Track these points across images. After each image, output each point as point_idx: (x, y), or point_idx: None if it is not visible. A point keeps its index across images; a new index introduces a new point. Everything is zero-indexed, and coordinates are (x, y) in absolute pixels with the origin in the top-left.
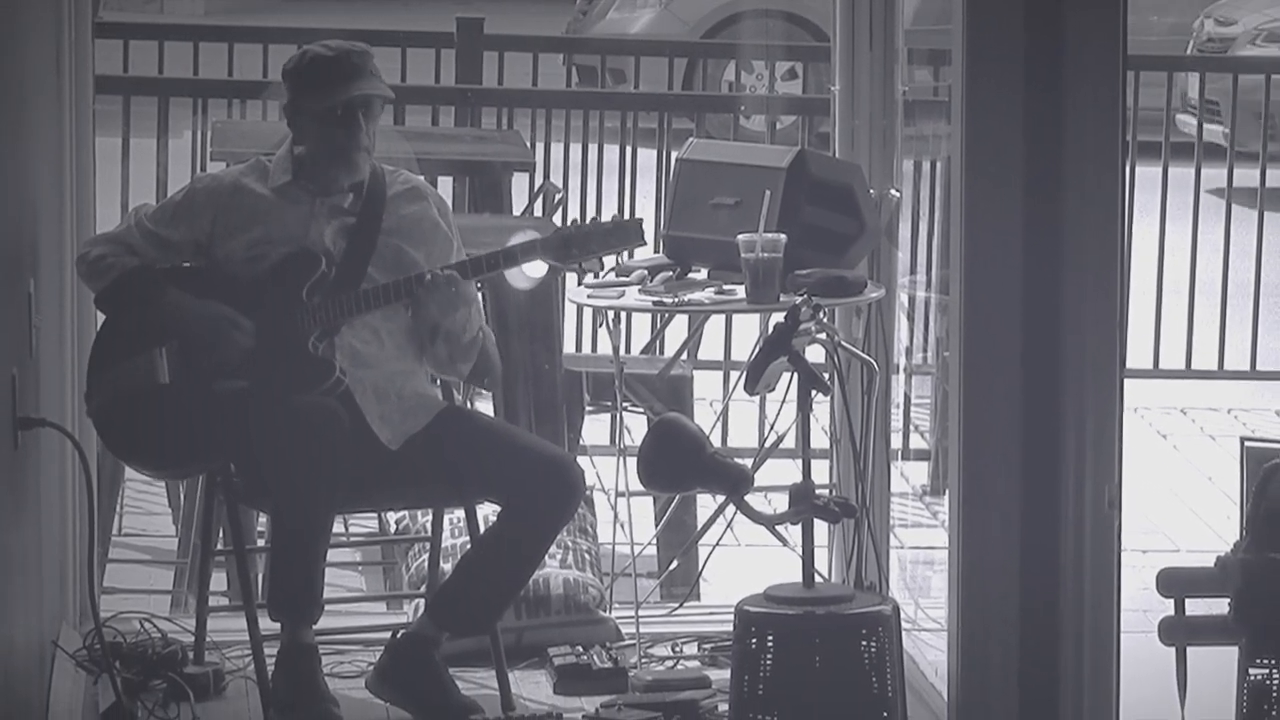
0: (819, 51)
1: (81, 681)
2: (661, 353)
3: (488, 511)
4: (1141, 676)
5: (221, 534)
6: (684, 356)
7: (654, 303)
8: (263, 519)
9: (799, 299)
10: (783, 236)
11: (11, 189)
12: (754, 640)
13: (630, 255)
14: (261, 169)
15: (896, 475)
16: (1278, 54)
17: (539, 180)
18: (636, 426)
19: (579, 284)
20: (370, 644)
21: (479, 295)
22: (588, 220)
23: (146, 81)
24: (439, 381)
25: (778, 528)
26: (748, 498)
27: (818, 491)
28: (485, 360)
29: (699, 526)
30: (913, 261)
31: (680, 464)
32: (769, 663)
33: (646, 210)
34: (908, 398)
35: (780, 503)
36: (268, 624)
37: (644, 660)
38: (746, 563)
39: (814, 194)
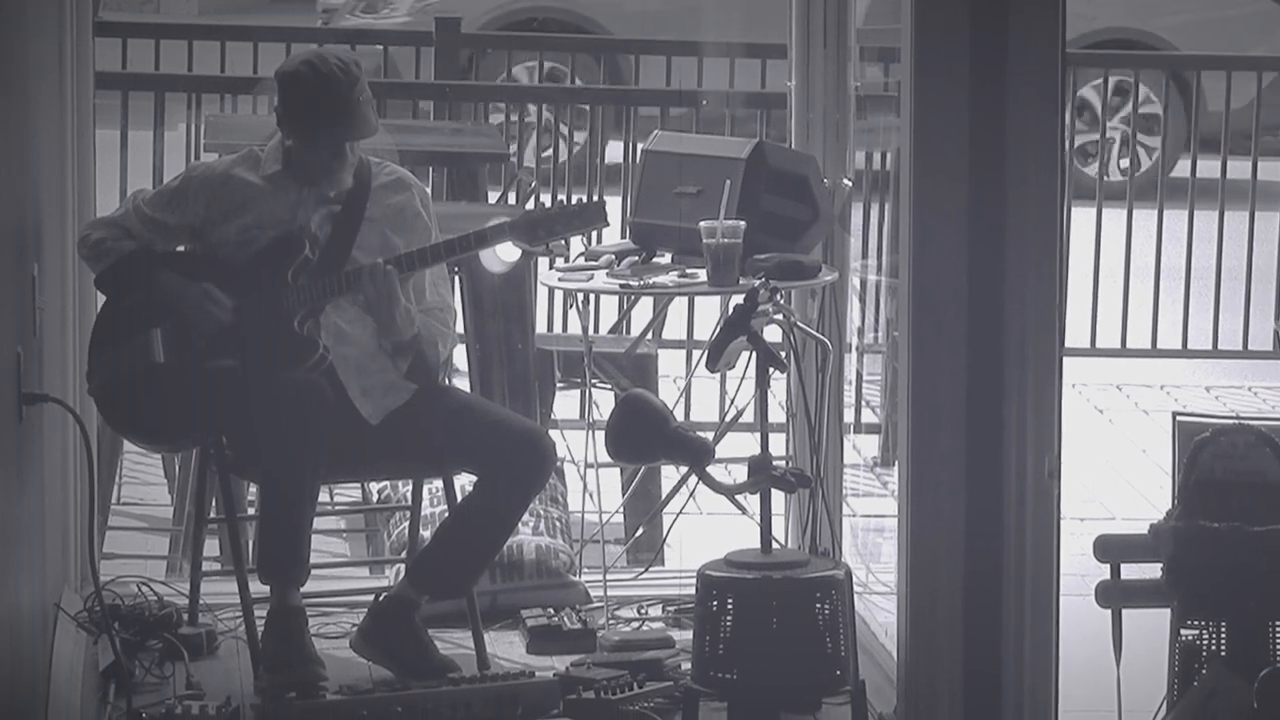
0: (776, 49)
1: (82, 641)
2: (628, 332)
3: (464, 482)
4: (1079, 637)
5: (214, 503)
6: (649, 336)
7: (621, 286)
8: (253, 489)
9: (757, 282)
10: (742, 223)
11: (17, 178)
12: (715, 602)
13: (599, 241)
14: (253, 159)
15: (849, 447)
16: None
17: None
18: (604, 402)
19: (550, 268)
20: (354, 606)
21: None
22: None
23: (144, 77)
24: None
25: (737, 497)
26: (709, 469)
27: (775, 463)
28: (420, 363)
29: (663, 496)
30: (864, 247)
31: (645, 437)
32: (729, 623)
33: (613, 199)
34: (859, 375)
35: (740, 473)
36: (258, 587)
37: (611, 621)
38: (708, 530)
39: (771, 183)
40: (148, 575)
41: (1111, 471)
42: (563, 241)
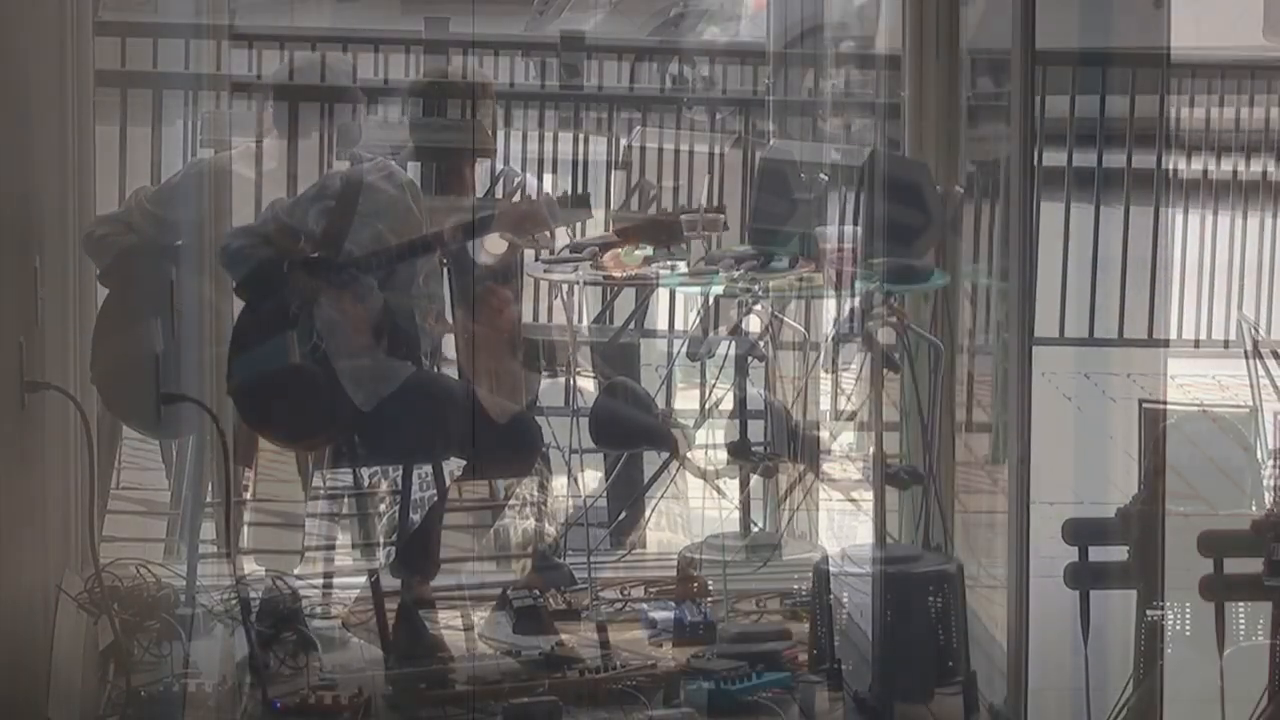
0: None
1: (83, 621)
2: (611, 323)
3: (453, 467)
4: (1049, 613)
5: (210, 488)
6: (632, 326)
7: (604, 277)
8: (249, 474)
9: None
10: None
11: (19, 173)
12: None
13: (583, 232)
14: (251, 155)
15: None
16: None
17: (499, 166)
18: (588, 390)
19: (536, 259)
20: (347, 588)
21: (444, 283)
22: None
23: (142, 75)
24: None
25: (716, 482)
26: (689, 454)
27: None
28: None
29: (645, 481)
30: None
31: (628, 424)
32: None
33: (597, 193)
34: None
35: (719, 459)
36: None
37: (595, 602)
38: (688, 513)
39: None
40: (145, 557)
41: (1079, 457)
42: (549, 234)
